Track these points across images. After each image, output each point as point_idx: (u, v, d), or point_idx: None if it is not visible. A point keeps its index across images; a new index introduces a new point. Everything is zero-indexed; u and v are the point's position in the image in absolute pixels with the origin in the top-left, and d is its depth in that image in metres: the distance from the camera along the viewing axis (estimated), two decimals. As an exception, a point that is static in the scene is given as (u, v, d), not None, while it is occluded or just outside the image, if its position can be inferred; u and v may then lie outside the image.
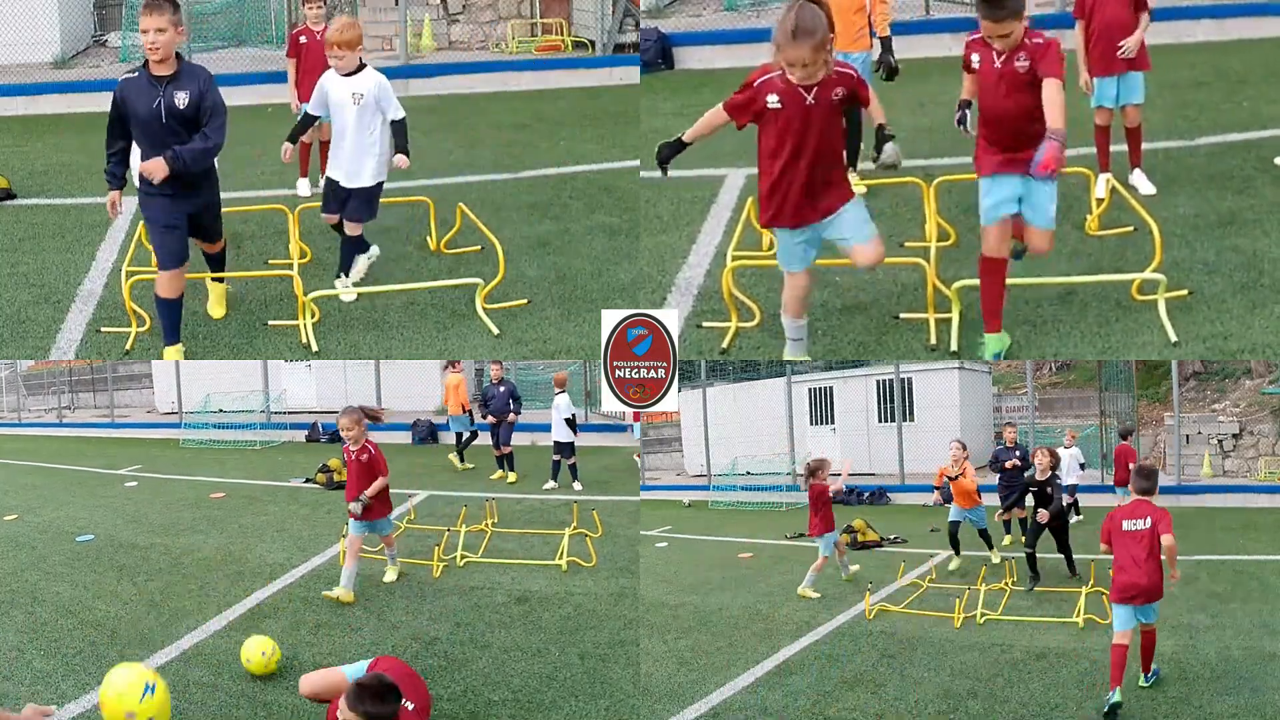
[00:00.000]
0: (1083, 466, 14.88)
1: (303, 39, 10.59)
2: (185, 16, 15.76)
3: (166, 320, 7.62)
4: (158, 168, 6.86)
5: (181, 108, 6.84)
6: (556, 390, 13.29)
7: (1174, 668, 7.60)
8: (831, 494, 11.07)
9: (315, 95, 8.28)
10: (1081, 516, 14.08)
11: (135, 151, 7.23)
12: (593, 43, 16.84)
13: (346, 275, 8.60)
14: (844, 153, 6.73)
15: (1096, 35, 8.81)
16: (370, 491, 8.25)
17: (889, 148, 8.76)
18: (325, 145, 10.65)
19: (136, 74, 6.95)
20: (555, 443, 12.90)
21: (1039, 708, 7.02)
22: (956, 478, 11.65)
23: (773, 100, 6.33)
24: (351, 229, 8.47)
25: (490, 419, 13.60)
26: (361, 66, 8.23)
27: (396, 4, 16.51)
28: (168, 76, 6.87)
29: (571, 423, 12.92)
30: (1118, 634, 6.95)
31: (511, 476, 13.42)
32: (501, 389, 13.52)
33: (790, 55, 6.11)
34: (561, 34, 17.38)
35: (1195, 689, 7.14)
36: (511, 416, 13.46)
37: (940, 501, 11.87)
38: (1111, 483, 14.13)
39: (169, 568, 9.54)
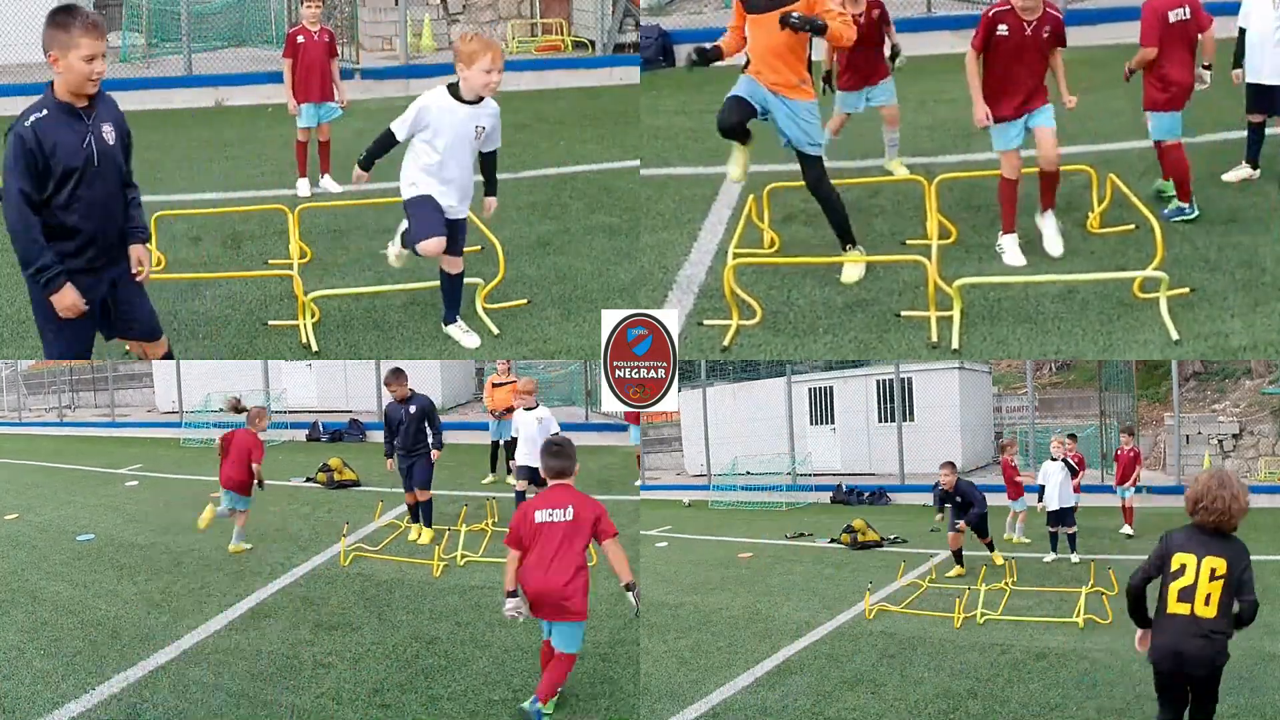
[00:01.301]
0: (1075, 472, 12.23)
1: (300, 39, 10.58)
2: (186, 16, 16.06)
3: None
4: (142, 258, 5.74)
5: (110, 143, 5.56)
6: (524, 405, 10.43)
7: (1173, 667, 7.57)
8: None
9: (415, 116, 7.30)
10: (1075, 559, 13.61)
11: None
12: (592, 43, 16.84)
13: (454, 321, 7.95)
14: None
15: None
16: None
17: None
18: (324, 146, 10.70)
19: (45, 111, 5.46)
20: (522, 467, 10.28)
21: (1039, 708, 7.01)
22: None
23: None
24: (455, 265, 7.76)
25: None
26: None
27: (396, 4, 16.55)
28: (86, 108, 5.50)
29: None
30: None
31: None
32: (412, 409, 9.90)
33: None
34: (561, 34, 17.40)
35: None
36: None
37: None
38: (1112, 483, 14.08)
39: (169, 567, 9.54)
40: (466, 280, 8.35)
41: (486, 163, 7.59)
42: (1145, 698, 7.00)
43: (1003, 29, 7.81)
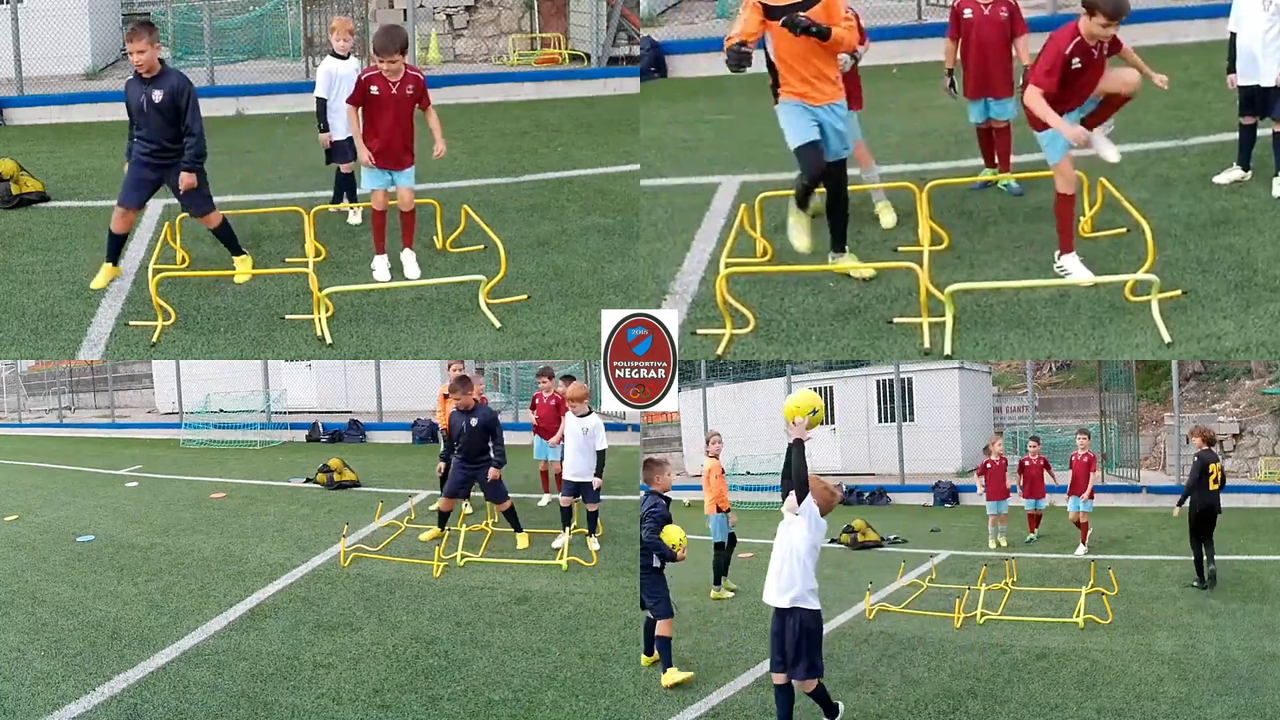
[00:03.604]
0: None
1: (374, 88, 8.78)
2: (208, 31, 16.55)
3: (112, 245, 8.93)
4: (187, 181, 8.47)
5: (157, 101, 8.38)
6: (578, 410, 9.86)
7: (1174, 668, 7.61)
8: None
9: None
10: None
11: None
12: (588, 55, 17.31)
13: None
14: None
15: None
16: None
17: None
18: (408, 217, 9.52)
19: (133, 78, 8.50)
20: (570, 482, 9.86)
21: (1039, 708, 7.02)
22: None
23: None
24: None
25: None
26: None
27: (405, 19, 17.05)
28: (149, 79, 8.45)
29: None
30: None
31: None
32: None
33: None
34: (559, 48, 17.93)
35: (1195, 689, 7.14)
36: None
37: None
38: (1111, 482, 14.03)
39: (169, 568, 9.56)
40: (470, 277, 8.66)
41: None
42: (1145, 697, 7.04)
43: (1076, 63, 7.47)
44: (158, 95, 8.38)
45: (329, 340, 8.17)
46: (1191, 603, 9.49)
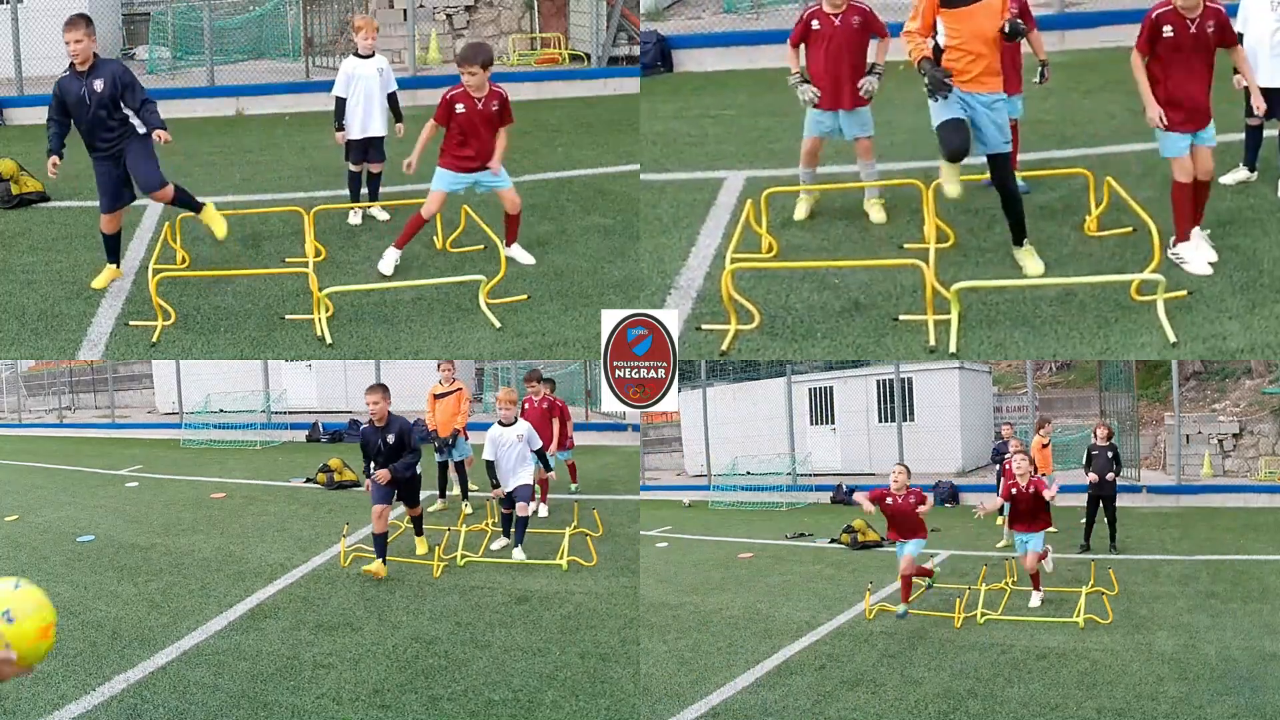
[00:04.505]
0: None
1: (459, 107, 8.95)
2: (208, 31, 16.59)
3: (109, 246, 8.99)
4: (165, 136, 8.35)
5: (100, 91, 8.34)
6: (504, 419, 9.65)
7: (1174, 668, 7.60)
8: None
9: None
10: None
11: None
12: (588, 55, 17.39)
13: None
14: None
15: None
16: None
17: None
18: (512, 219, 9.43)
19: (67, 74, 8.44)
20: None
21: (1039, 708, 7.02)
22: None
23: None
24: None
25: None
26: None
27: (405, 20, 17.09)
28: (86, 72, 8.38)
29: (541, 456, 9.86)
30: None
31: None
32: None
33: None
34: (559, 47, 18.01)
35: (1195, 689, 7.14)
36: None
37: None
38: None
39: (169, 568, 9.55)
40: (471, 277, 8.68)
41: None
42: (1145, 697, 7.03)
43: (1168, 30, 7.53)
44: (99, 84, 8.31)
45: (329, 340, 8.18)
46: (1191, 603, 9.49)
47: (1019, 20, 7.70)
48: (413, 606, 8.16)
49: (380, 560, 8.84)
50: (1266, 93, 8.92)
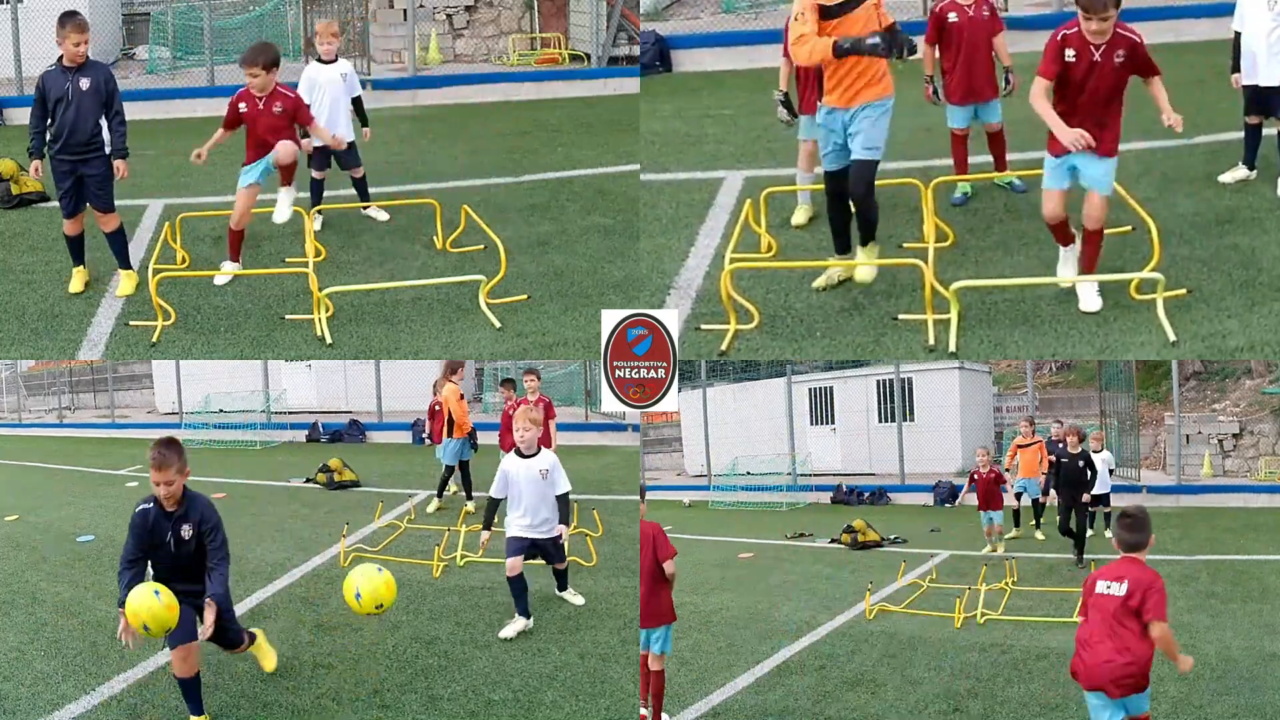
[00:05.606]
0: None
1: (242, 106, 9.03)
2: (208, 31, 16.56)
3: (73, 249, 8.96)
4: (123, 170, 8.55)
5: (85, 89, 8.43)
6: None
7: (1174, 667, 7.58)
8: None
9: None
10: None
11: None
12: (588, 55, 17.43)
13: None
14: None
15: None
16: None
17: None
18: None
19: (54, 68, 8.56)
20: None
21: (1039, 708, 7.03)
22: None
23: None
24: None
25: None
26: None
27: (405, 20, 17.12)
28: (74, 69, 8.49)
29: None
30: None
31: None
32: None
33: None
34: (559, 48, 18.05)
35: (1195, 689, 7.14)
36: None
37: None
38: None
39: (169, 568, 9.54)
40: (471, 277, 8.67)
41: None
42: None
43: (1070, 54, 7.22)
44: (85, 83, 8.39)
45: (329, 340, 8.19)
46: (1191, 603, 9.49)
47: (898, 30, 7.24)
48: (413, 606, 8.16)
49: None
50: (1265, 92, 8.93)
